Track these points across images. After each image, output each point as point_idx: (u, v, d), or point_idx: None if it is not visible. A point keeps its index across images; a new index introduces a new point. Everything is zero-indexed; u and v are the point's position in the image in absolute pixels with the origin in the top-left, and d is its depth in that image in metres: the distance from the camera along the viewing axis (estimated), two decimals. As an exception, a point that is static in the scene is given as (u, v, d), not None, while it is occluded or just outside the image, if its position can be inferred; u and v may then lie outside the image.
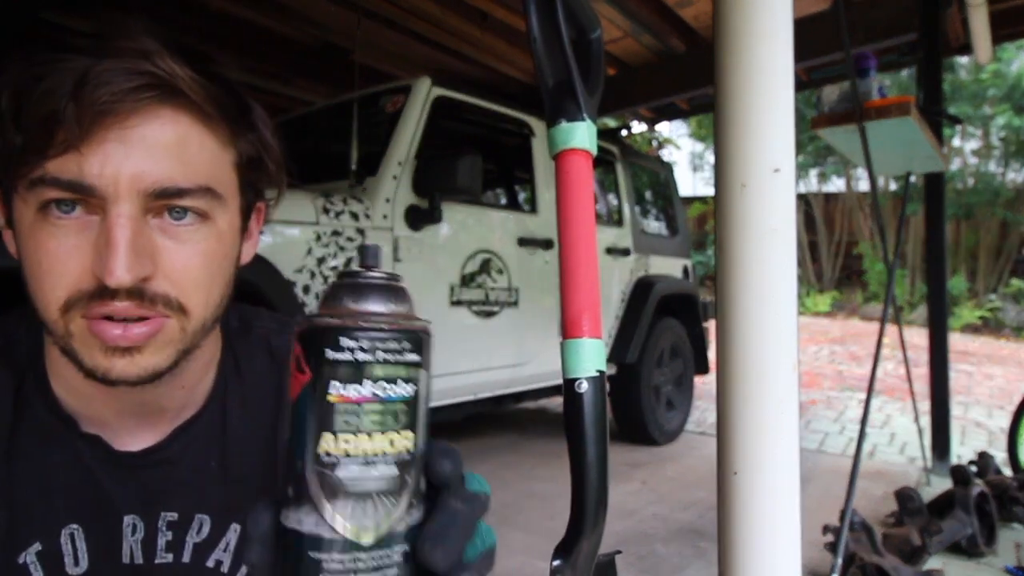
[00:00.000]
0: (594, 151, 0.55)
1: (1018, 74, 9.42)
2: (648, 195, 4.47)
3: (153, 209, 0.50)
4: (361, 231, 2.29)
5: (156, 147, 0.49)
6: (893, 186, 10.51)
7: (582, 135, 0.54)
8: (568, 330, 0.50)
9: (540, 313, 3.07)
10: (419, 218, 2.45)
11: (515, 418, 4.58)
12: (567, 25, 0.53)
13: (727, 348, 1.03)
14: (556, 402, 4.85)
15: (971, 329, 9.07)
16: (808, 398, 5.26)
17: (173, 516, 0.59)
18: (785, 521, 0.98)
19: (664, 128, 10.43)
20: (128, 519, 0.57)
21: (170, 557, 0.59)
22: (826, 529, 1.95)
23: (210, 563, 0.60)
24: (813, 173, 11.70)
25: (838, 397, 5.34)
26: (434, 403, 2.54)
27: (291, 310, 1.98)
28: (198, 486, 0.59)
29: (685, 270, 4.37)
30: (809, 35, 3.42)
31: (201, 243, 0.52)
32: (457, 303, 2.65)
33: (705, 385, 5.26)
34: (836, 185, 11.83)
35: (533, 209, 3.21)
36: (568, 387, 0.48)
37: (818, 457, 3.70)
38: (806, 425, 4.48)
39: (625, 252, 3.74)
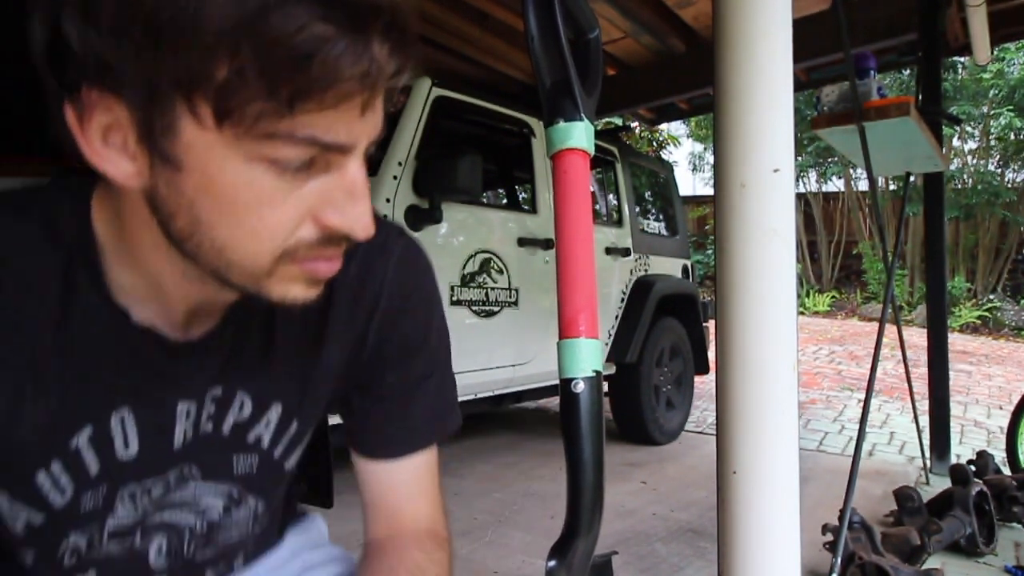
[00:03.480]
0: (591, 151, 0.55)
1: (1020, 76, 9.41)
2: (648, 195, 4.47)
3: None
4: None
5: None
6: (893, 186, 10.51)
7: (579, 135, 0.54)
8: (565, 330, 0.50)
9: (540, 313, 3.07)
10: (419, 218, 2.45)
11: (515, 418, 4.58)
12: (565, 25, 0.54)
13: (727, 348, 1.03)
14: (556, 402, 4.85)
15: (970, 329, 9.07)
16: (807, 398, 5.26)
17: (217, 391, 0.59)
18: (784, 520, 0.98)
19: (664, 127, 10.45)
20: (182, 405, 0.58)
21: (210, 427, 0.60)
22: (825, 528, 1.95)
23: (250, 439, 0.62)
24: (813, 173, 11.69)
25: (837, 397, 5.34)
26: (433, 403, 2.46)
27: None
28: (242, 366, 0.60)
29: (685, 270, 4.37)
30: (809, 35, 3.42)
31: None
32: (457, 303, 2.65)
33: (705, 385, 5.26)
34: (836, 185, 11.83)
35: (533, 209, 3.21)
36: (564, 387, 0.48)
37: (817, 457, 3.70)
38: (805, 425, 4.48)
39: (625, 252, 3.74)
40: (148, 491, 0.59)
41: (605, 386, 3.72)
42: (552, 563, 0.47)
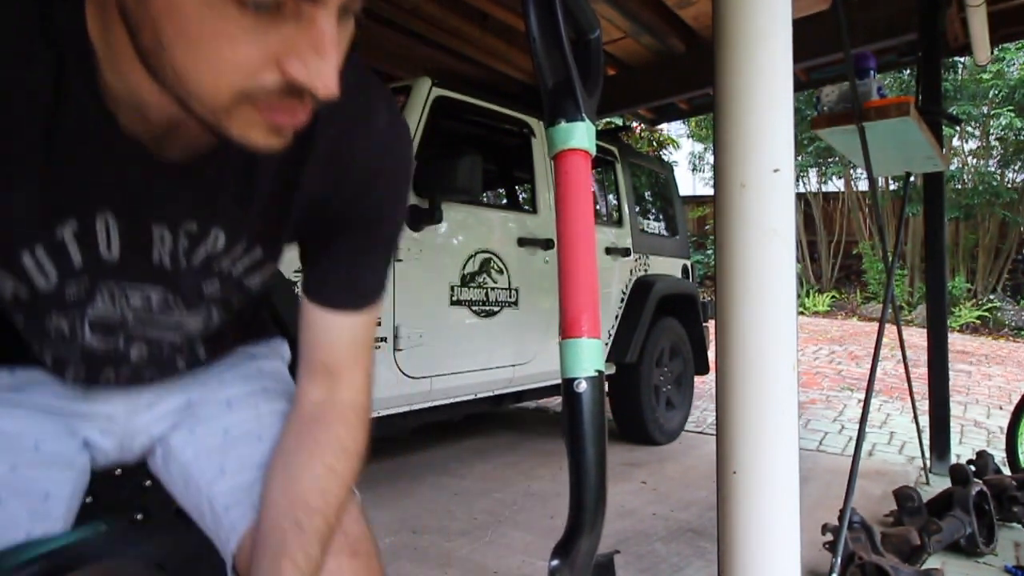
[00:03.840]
0: (593, 151, 0.56)
1: (1020, 76, 9.41)
2: (648, 195, 4.47)
3: (340, 11, 0.48)
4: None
5: None
6: (893, 186, 10.51)
7: (581, 135, 0.54)
8: (567, 330, 0.51)
9: (540, 313, 3.07)
10: (419, 218, 2.46)
11: (515, 418, 4.59)
12: (566, 25, 0.54)
13: (727, 348, 1.03)
14: (556, 402, 4.86)
15: (970, 329, 9.07)
16: (807, 398, 5.27)
17: (192, 227, 0.63)
18: (784, 520, 0.99)
19: (664, 127, 10.45)
20: (156, 230, 0.62)
21: (185, 261, 0.65)
22: (825, 528, 1.96)
23: (220, 267, 0.68)
24: (813, 173, 11.69)
25: (837, 397, 5.34)
26: (434, 403, 2.55)
27: (292, 309, 1.98)
28: (218, 202, 0.63)
29: (685, 270, 4.37)
30: (809, 35, 3.42)
31: (346, 41, 0.51)
32: (457, 303, 2.65)
33: (705, 385, 5.26)
34: (836, 185, 11.84)
35: (533, 209, 3.21)
36: (567, 387, 0.49)
37: (817, 457, 3.70)
38: (805, 425, 4.48)
39: (625, 252, 3.74)
40: (126, 295, 0.65)
41: (605, 386, 3.72)
42: (555, 562, 0.47)
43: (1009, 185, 10.10)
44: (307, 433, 0.73)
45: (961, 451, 3.90)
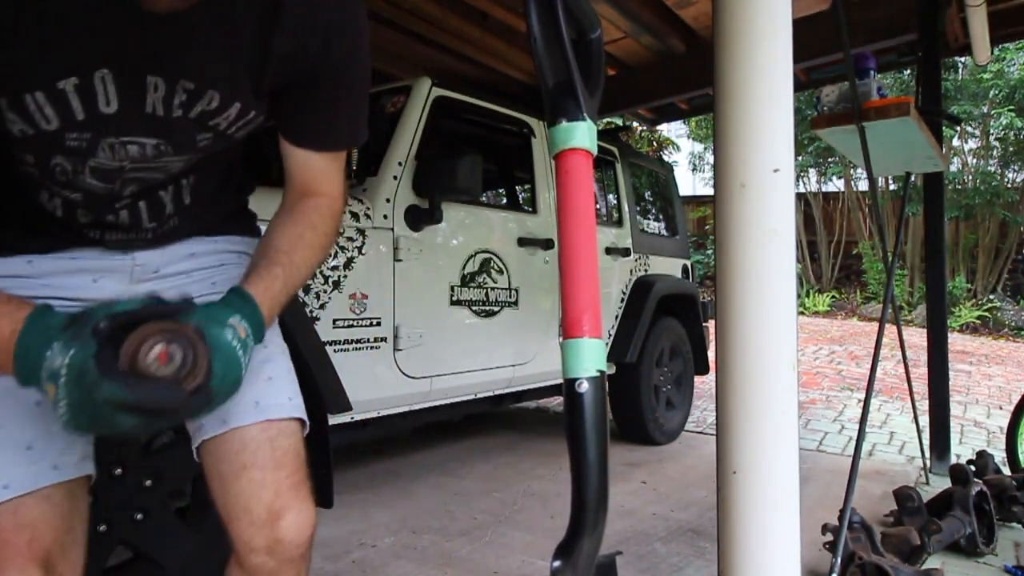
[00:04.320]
0: (594, 151, 0.56)
1: (1020, 76, 9.41)
2: (648, 195, 4.47)
3: None
4: (362, 231, 2.29)
5: None
6: (893, 186, 10.51)
7: (582, 135, 0.54)
8: (568, 330, 0.51)
9: (540, 313, 3.07)
10: (419, 218, 2.45)
11: (515, 418, 4.59)
12: (567, 25, 0.54)
13: (727, 348, 1.03)
14: (556, 402, 4.86)
15: (970, 329, 9.07)
16: (807, 398, 5.27)
17: (191, 85, 0.73)
18: (784, 520, 0.99)
19: (664, 127, 10.45)
20: (151, 79, 0.71)
21: (181, 112, 0.74)
22: (825, 528, 1.96)
23: (212, 123, 0.77)
24: (813, 173, 11.69)
25: (837, 397, 5.34)
26: (434, 403, 2.54)
27: (292, 308, 1.98)
28: (211, 61, 0.73)
29: (685, 270, 4.37)
30: (809, 35, 3.42)
31: None
32: (457, 303, 2.65)
33: (705, 385, 5.26)
34: (836, 185, 11.83)
35: (533, 209, 3.21)
36: (568, 387, 0.48)
37: (817, 457, 3.70)
38: (805, 425, 4.48)
39: (625, 252, 3.74)
40: (125, 147, 0.74)
41: (607, 386, 3.72)
42: (557, 563, 0.47)
43: (1009, 185, 10.11)
44: (285, 216, 0.89)
45: (961, 451, 3.90)
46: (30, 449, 0.75)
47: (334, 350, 2.16)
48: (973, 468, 2.57)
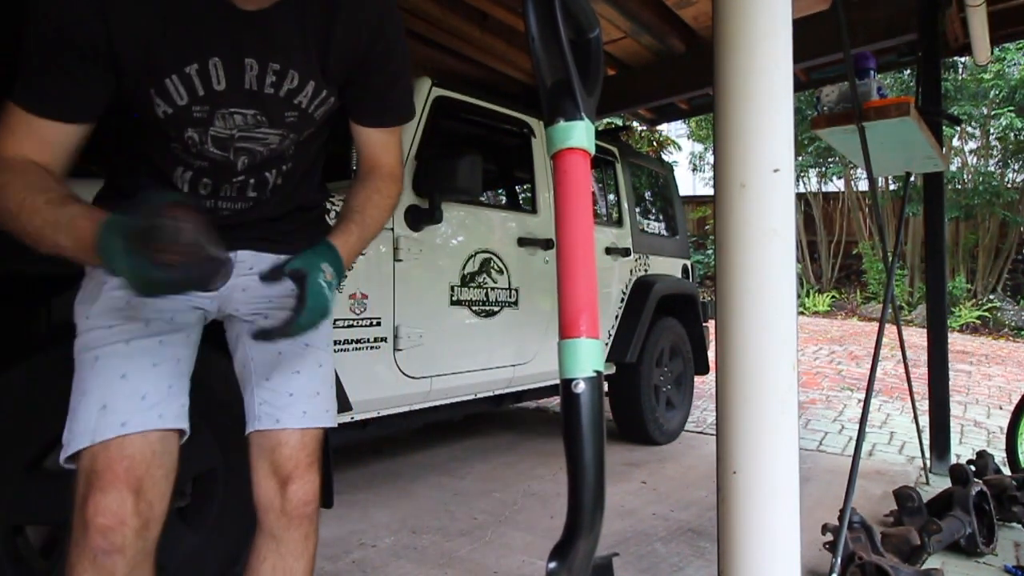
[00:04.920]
0: (592, 150, 0.55)
1: (1020, 76, 9.41)
2: (648, 195, 4.47)
3: None
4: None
5: None
6: (893, 186, 10.51)
7: (580, 134, 0.54)
8: (565, 330, 0.50)
9: (540, 313, 3.07)
10: (419, 218, 2.45)
11: (515, 418, 4.59)
12: (566, 25, 0.54)
13: (727, 348, 1.03)
14: (556, 402, 4.86)
15: (970, 329, 9.07)
16: (807, 398, 5.27)
17: (277, 66, 0.95)
18: (784, 520, 0.99)
19: (664, 127, 10.44)
20: (248, 60, 0.93)
21: (272, 90, 0.97)
22: (825, 528, 1.96)
23: (296, 101, 1.00)
24: (813, 173, 11.69)
25: (837, 397, 5.34)
26: (434, 403, 2.54)
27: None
28: (290, 48, 0.95)
29: (685, 270, 4.37)
30: (809, 35, 3.41)
31: None
32: (457, 303, 2.65)
33: (705, 385, 5.26)
34: (836, 185, 11.83)
35: (533, 209, 3.21)
36: (565, 387, 0.48)
37: (817, 457, 3.70)
38: (805, 425, 4.48)
39: (625, 252, 3.74)
40: (233, 116, 0.97)
41: (605, 386, 3.71)
42: (553, 564, 0.47)
43: (1009, 185, 10.10)
44: (358, 185, 1.13)
45: (961, 451, 3.90)
46: (144, 399, 0.96)
47: (334, 350, 2.16)
48: (973, 468, 2.57)
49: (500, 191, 4.90)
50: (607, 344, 3.64)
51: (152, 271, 0.72)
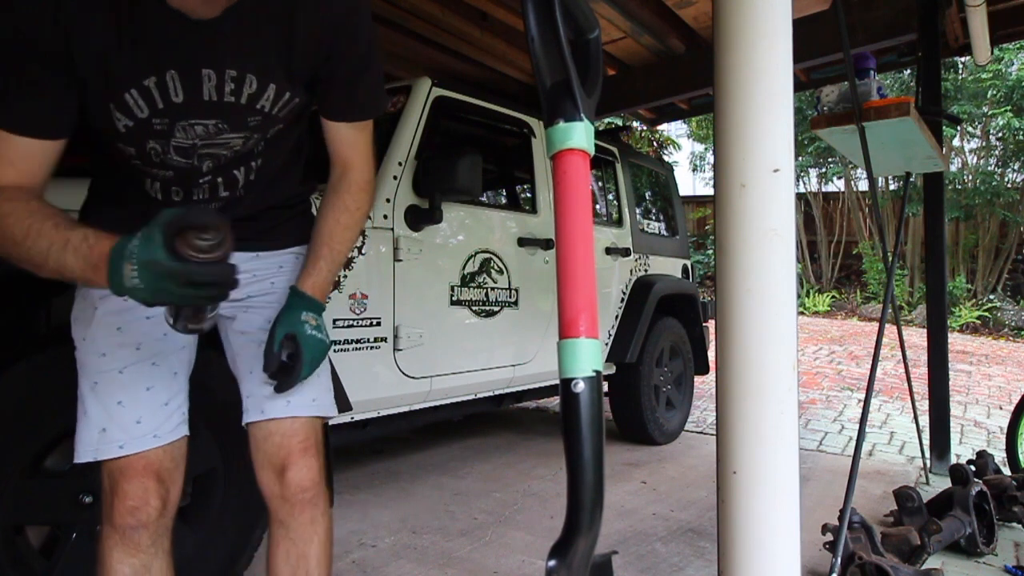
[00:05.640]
0: (591, 151, 0.55)
1: (1019, 76, 9.40)
2: (648, 195, 4.47)
3: None
4: (362, 231, 2.29)
5: None
6: (893, 186, 10.51)
7: (579, 135, 0.54)
8: (565, 330, 0.51)
9: (540, 313, 3.07)
10: (419, 218, 2.45)
11: (515, 418, 4.59)
12: (565, 25, 0.54)
13: (727, 348, 1.03)
14: (556, 402, 4.86)
15: (970, 329, 9.07)
16: (807, 398, 5.27)
17: (233, 73, 0.95)
18: (784, 520, 0.99)
19: (665, 127, 10.44)
20: (205, 71, 0.93)
21: (232, 98, 0.97)
22: (825, 528, 1.96)
23: (258, 105, 1.00)
24: (813, 173, 11.69)
25: (837, 397, 5.34)
26: (434, 403, 2.54)
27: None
28: (246, 53, 0.94)
29: (685, 270, 4.37)
30: (809, 35, 3.42)
31: None
32: (457, 303, 2.65)
33: (705, 385, 5.26)
34: (836, 185, 11.83)
35: (533, 209, 3.21)
36: (564, 387, 0.49)
37: (817, 457, 3.70)
38: (805, 425, 4.48)
39: (625, 252, 3.74)
40: (193, 127, 0.98)
41: (605, 386, 3.71)
42: (552, 563, 0.47)
43: (1009, 185, 10.10)
44: (326, 202, 1.14)
45: (961, 451, 3.90)
46: (139, 423, 1.04)
47: (334, 350, 2.16)
48: (973, 468, 2.57)
49: (500, 191, 4.90)
50: (607, 344, 3.64)
51: (170, 261, 0.73)
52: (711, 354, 4.20)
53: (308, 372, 1.05)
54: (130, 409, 1.04)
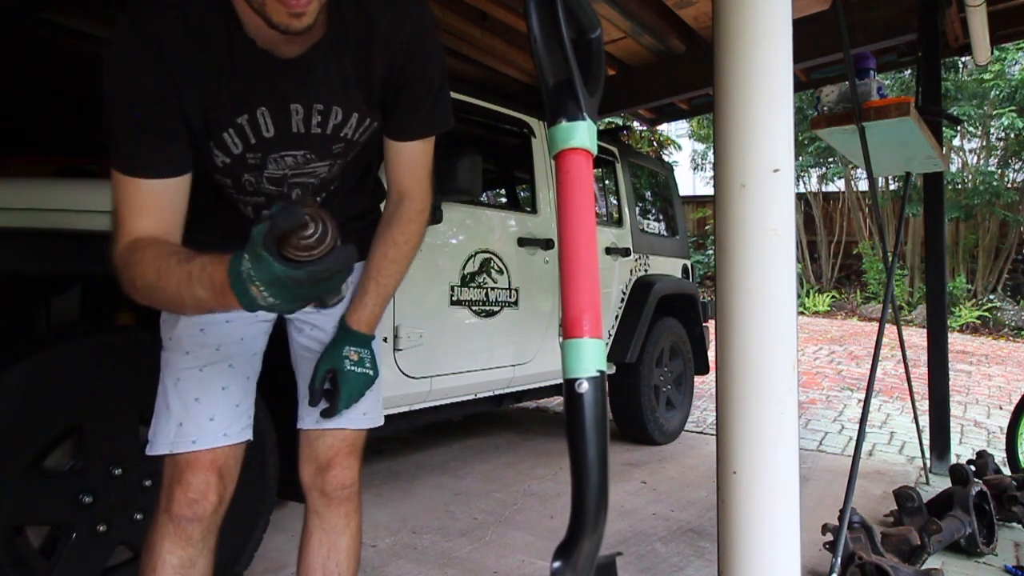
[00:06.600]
0: (594, 150, 0.55)
1: (1020, 76, 9.40)
2: (648, 195, 4.47)
3: None
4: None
5: None
6: (893, 186, 10.51)
7: (582, 134, 0.54)
8: (568, 330, 0.51)
9: (540, 313, 3.07)
10: (419, 218, 2.45)
11: (515, 418, 4.59)
12: (567, 25, 0.54)
13: (727, 348, 1.03)
14: (556, 402, 4.86)
15: (970, 329, 9.07)
16: (807, 398, 5.27)
17: (320, 107, 1.01)
18: (784, 520, 0.99)
19: (665, 127, 10.44)
20: (293, 106, 0.99)
21: (319, 130, 1.03)
22: (825, 528, 1.96)
23: (341, 133, 1.05)
24: (813, 173, 11.68)
25: (837, 397, 5.34)
26: (434, 403, 2.54)
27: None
28: (331, 87, 1.00)
29: (685, 270, 4.37)
30: (809, 35, 3.42)
31: None
32: (457, 303, 2.65)
33: (705, 385, 5.26)
34: (836, 185, 11.83)
35: (533, 209, 3.21)
36: (568, 387, 0.49)
37: (817, 457, 3.70)
38: (805, 425, 4.48)
39: (625, 252, 3.74)
40: (284, 159, 1.04)
41: (607, 386, 3.71)
42: (557, 564, 0.47)
43: (1009, 185, 10.10)
44: (383, 229, 1.17)
45: (961, 451, 3.90)
46: (212, 420, 1.11)
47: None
48: (973, 468, 2.57)
49: (500, 191, 4.90)
50: (607, 344, 3.64)
51: (290, 271, 0.72)
52: (711, 354, 4.20)
53: (346, 406, 1.11)
54: (206, 406, 1.11)
